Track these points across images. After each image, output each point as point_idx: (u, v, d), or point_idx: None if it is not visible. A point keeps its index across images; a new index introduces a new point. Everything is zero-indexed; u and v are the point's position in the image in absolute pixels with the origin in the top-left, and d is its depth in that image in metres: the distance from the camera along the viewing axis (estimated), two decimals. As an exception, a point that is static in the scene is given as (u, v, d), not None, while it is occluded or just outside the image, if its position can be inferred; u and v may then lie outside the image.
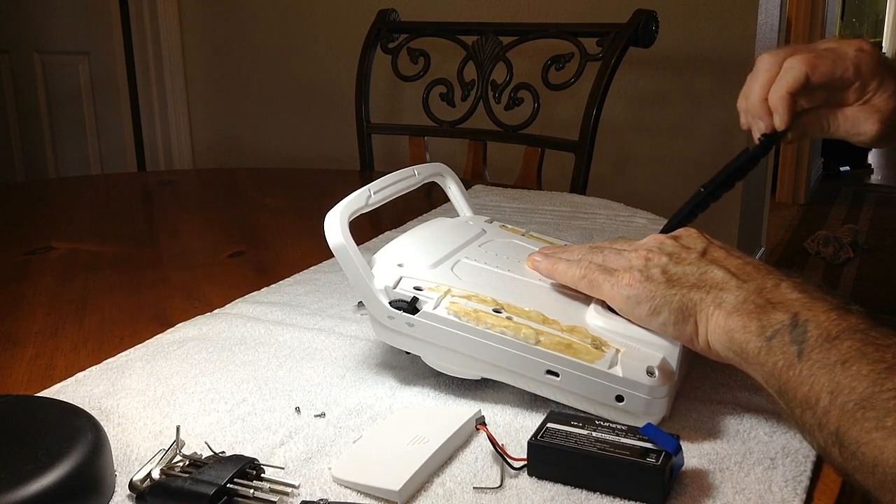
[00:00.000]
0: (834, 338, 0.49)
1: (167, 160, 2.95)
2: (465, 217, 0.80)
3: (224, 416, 0.61)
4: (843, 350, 0.48)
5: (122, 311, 0.85)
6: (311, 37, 2.69)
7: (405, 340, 0.63)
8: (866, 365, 0.47)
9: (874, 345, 0.48)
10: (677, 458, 0.51)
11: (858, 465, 0.45)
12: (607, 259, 0.63)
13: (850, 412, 0.46)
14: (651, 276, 0.59)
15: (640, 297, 0.59)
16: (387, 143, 1.99)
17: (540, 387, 0.60)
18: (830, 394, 0.47)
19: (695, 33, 2.20)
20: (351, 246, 0.62)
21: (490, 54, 1.69)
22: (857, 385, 0.46)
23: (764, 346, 0.52)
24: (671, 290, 0.58)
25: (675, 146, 2.29)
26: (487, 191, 1.37)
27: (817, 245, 3.65)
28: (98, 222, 1.27)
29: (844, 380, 0.47)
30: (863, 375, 0.46)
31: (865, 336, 0.48)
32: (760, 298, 0.54)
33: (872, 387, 0.45)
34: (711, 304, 0.56)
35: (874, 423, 0.44)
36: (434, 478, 0.53)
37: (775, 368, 0.51)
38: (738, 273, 0.57)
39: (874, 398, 0.45)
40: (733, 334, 0.54)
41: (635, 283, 0.59)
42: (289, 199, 1.39)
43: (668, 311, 0.58)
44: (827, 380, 0.48)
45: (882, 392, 0.45)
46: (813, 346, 0.49)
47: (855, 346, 0.48)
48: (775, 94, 0.70)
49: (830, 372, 0.48)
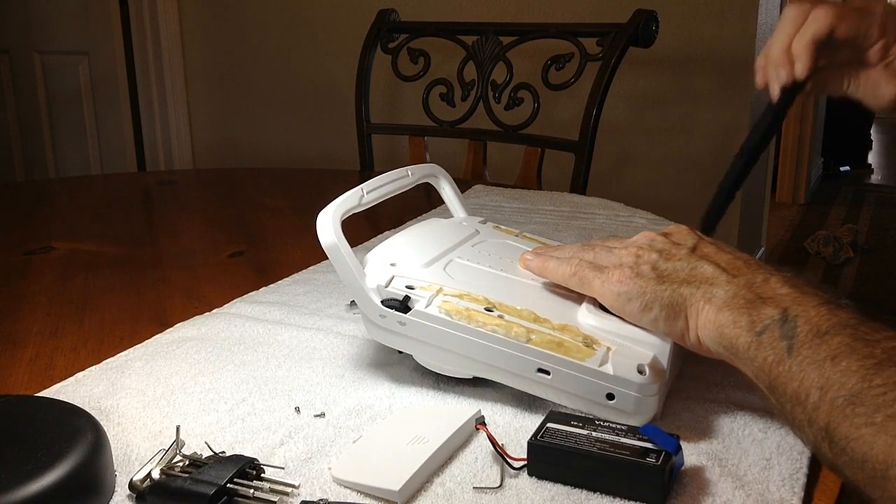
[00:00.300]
0: (824, 333, 0.49)
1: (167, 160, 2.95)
2: (458, 217, 0.80)
3: (224, 416, 0.61)
4: (833, 346, 0.48)
5: (121, 311, 0.85)
6: (311, 37, 2.69)
7: (397, 339, 0.63)
8: (856, 360, 0.47)
9: (863, 340, 0.48)
10: (677, 458, 0.52)
11: (848, 461, 0.45)
12: (598, 257, 0.63)
13: (840, 408, 0.46)
14: (641, 273, 0.59)
15: (630, 294, 0.59)
16: (387, 143, 1.99)
17: (532, 385, 0.60)
18: (820, 389, 0.47)
19: (695, 33, 2.20)
20: (343, 245, 0.62)
21: (490, 54, 1.69)
22: (847, 381, 0.46)
23: (754, 341, 0.52)
24: (661, 285, 0.58)
25: (675, 146, 2.29)
26: (487, 191, 1.37)
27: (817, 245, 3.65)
28: (98, 222, 1.27)
29: (834, 375, 0.47)
30: (852, 371, 0.46)
31: (855, 331, 0.49)
32: (750, 293, 0.54)
33: (861, 383, 0.45)
34: (701, 300, 0.56)
35: (863, 420, 0.44)
36: (434, 478, 0.53)
37: (765, 364, 0.51)
38: (729, 268, 0.57)
39: (863, 394, 0.45)
40: (723, 329, 0.54)
41: (626, 280, 0.59)
42: (289, 199, 1.39)
43: (659, 307, 0.58)
44: (817, 375, 0.48)
45: (871, 388, 0.45)
46: (803, 342, 0.49)
47: (845, 342, 0.48)
48: (799, 43, 0.70)
49: (820, 368, 0.48)
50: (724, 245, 0.61)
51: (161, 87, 2.91)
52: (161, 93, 2.91)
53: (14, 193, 1.54)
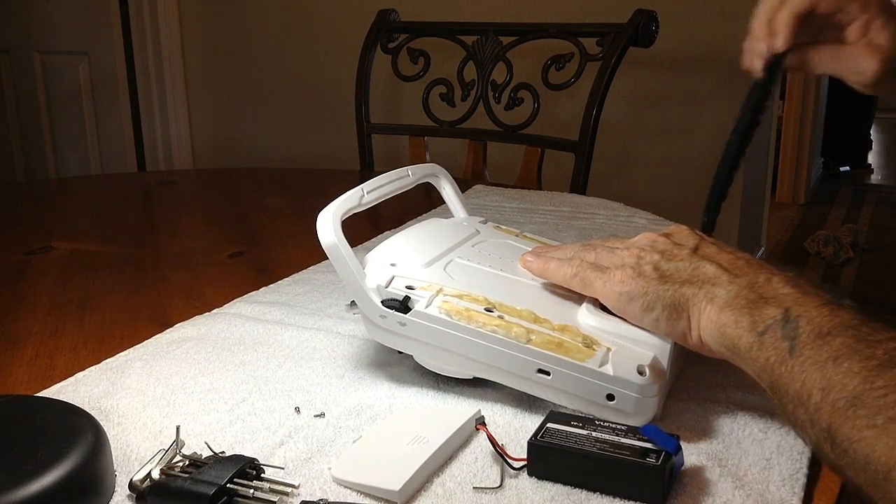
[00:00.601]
0: (826, 334, 0.49)
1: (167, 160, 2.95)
2: (459, 217, 0.80)
3: (224, 416, 0.61)
4: (835, 347, 0.48)
5: (121, 311, 0.85)
6: (312, 37, 2.69)
7: (397, 339, 0.63)
8: (857, 362, 0.47)
9: (865, 341, 0.48)
10: (677, 458, 0.52)
11: (850, 462, 0.45)
12: (599, 257, 0.63)
13: (842, 410, 0.46)
14: (643, 273, 0.59)
15: (632, 294, 0.59)
16: (387, 143, 1.99)
17: (532, 386, 0.60)
18: (822, 391, 0.47)
19: (695, 33, 2.20)
20: (343, 245, 0.62)
21: (490, 54, 1.69)
22: (849, 382, 0.46)
23: (756, 341, 0.52)
24: (663, 286, 0.58)
25: (675, 146, 2.29)
26: (487, 191, 1.37)
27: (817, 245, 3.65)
28: (98, 222, 1.27)
29: (836, 377, 0.47)
30: (854, 373, 0.46)
31: (857, 332, 0.49)
32: (752, 293, 0.54)
33: (863, 384, 0.45)
34: (703, 300, 0.56)
35: (865, 421, 0.44)
36: (434, 478, 0.53)
37: (767, 364, 0.51)
38: (730, 268, 0.57)
39: (865, 396, 0.45)
40: (725, 329, 0.54)
41: (628, 280, 0.59)
42: (289, 199, 1.39)
43: (661, 307, 0.58)
44: (819, 376, 0.48)
45: (873, 390, 0.45)
46: (805, 343, 0.49)
47: (846, 343, 0.48)
48: (780, 15, 0.71)
49: (822, 369, 0.48)
50: (726, 245, 0.61)
51: (161, 87, 2.90)
52: (161, 93, 2.91)
53: (14, 193, 1.54)
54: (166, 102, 2.91)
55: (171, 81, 2.90)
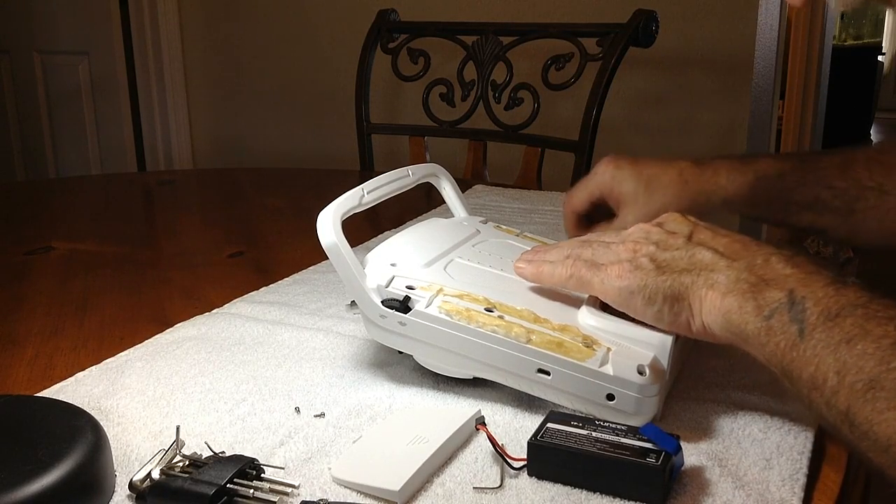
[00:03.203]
0: (835, 315, 0.49)
1: (167, 160, 2.95)
2: (459, 217, 0.80)
3: (224, 416, 0.61)
4: (846, 328, 0.48)
5: (121, 311, 0.85)
6: (312, 37, 2.69)
7: (397, 339, 0.63)
8: (871, 342, 0.46)
9: (876, 319, 0.47)
10: (677, 458, 0.51)
11: (871, 445, 0.45)
12: (595, 254, 0.62)
13: (860, 392, 0.45)
14: (640, 266, 0.59)
15: (631, 288, 0.58)
16: (387, 143, 1.99)
17: (532, 386, 0.60)
18: (837, 374, 0.47)
19: (695, 33, 2.20)
20: (343, 245, 0.62)
21: (490, 54, 1.69)
22: (864, 364, 0.46)
23: (763, 326, 0.52)
24: (662, 276, 0.58)
25: (675, 146, 2.29)
26: (487, 191, 1.37)
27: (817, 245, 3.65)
28: (98, 222, 1.27)
29: (850, 359, 0.46)
30: (868, 354, 0.46)
31: (866, 311, 0.48)
32: (753, 276, 0.54)
33: (879, 366, 0.45)
34: (704, 286, 0.56)
35: (885, 403, 0.44)
36: (434, 478, 0.53)
37: (777, 349, 0.51)
38: (727, 252, 0.57)
39: (882, 377, 0.45)
40: (730, 316, 0.54)
41: (625, 274, 0.59)
42: (289, 199, 1.39)
43: (662, 299, 0.57)
44: (833, 360, 0.47)
45: (890, 371, 0.45)
46: (815, 325, 0.49)
47: (857, 323, 0.48)
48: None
49: (835, 352, 0.47)
50: (720, 229, 0.60)
51: (161, 87, 2.91)
52: (161, 93, 2.91)
53: (14, 193, 1.54)
54: (166, 102, 2.91)
55: (171, 81, 2.90)
